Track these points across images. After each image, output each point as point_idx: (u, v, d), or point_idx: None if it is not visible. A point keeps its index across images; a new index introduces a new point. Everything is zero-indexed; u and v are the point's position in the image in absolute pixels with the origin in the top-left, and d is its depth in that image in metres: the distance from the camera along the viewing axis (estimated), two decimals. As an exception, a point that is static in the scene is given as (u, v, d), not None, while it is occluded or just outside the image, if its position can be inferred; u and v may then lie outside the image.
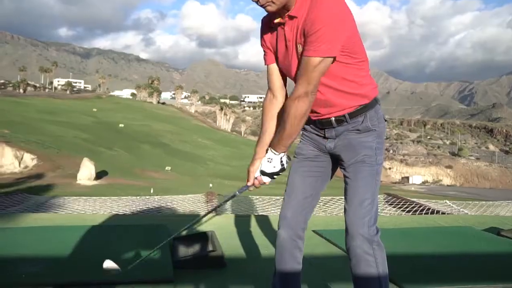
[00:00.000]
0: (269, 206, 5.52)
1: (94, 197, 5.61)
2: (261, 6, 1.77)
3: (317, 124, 1.94)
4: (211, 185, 31.80)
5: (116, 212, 4.74)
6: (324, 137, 1.95)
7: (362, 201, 1.85)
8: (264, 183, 1.88)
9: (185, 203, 5.37)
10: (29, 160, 31.06)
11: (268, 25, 1.93)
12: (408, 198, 6.37)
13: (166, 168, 41.56)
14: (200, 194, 5.72)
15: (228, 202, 5.25)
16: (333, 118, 1.90)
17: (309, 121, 1.94)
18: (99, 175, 28.26)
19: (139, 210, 4.96)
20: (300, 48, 1.76)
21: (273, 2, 1.72)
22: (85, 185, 25.68)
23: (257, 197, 5.95)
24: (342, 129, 1.91)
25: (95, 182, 26.67)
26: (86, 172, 26.80)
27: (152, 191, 23.83)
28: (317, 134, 1.98)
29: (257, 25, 1.99)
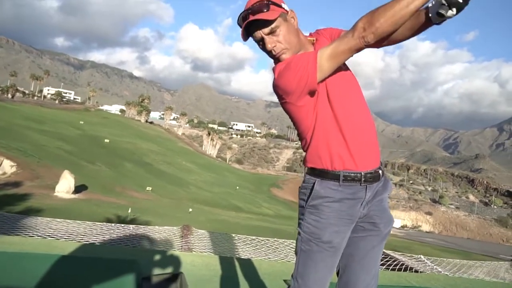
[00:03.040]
0: (245, 247, 5.46)
1: (68, 220, 5.51)
2: (275, 56, 1.72)
3: (363, 180, 1.67)
4: (190, 209, 31.57)
5: (87, 241, 4.65)
6: (361, 202, 1.70)
7: (377, 273, 1.80)
8: None
9: (160, 236, 5.30)
10: (8, 167, 30.49)
11: None
12: (384, 250, 6.36)
13: (147, 188, 41.17)
14: (176, 227, 5.64)
15: (203, 241, 5.20)
16: (380, 171, 1.73)
17: (349, 179, 1.67)
18: (78, 189, 27.88)
19: (112, 239, 4.88)
20: None
21: (287, 49, 1.70)
22: (63, 197, 25.27)
23: (235, 235, 5.90)
24: (376, 187, 1.73)
25: (73, 196, 26.28)
26: (65, 185, 26.40)
27: (129, 210, 23.59)
28: (355, 199, 1.68)
29: (253, 54, 1.81)
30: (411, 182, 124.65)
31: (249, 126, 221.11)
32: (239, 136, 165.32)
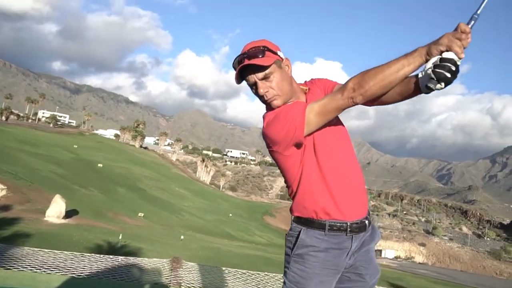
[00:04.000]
0: (235, 281, 5.36)
1: (56, 251, 5.40)
2: (266, 101, 1.74)
3: (349, 230, 1.66)
4: (182, 237, 31.18)
5: (74, 273, 4.54)
6: (347, 252, 1.68)
7: None
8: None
9: (149, 268, 5.20)
10: (-2, 190, 30.13)
11: None
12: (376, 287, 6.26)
13: (139, 214, 40.73)
14: (166, 260, 5.55)
15: (192, 274, 5.11)
16: (367, 221, 1.73)
17: (335, 228, 1.66)
18: (69, 213, 27.48)
19: (99, 271, 4.77)
20: None
21: (279, 96, 1.71)
22: (53, 222, 24.86)
23: (225, 268, 5.81)
24: (363, 237, 1.72)
25: (64, 221, 25.88)
26: (56, 209, 26.01)
27: (120, 237, 23.23)
28: (340, 249, 1.66)
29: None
30: (404, 212, 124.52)
31: (243, 153, 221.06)
32: (233, 163, 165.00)
